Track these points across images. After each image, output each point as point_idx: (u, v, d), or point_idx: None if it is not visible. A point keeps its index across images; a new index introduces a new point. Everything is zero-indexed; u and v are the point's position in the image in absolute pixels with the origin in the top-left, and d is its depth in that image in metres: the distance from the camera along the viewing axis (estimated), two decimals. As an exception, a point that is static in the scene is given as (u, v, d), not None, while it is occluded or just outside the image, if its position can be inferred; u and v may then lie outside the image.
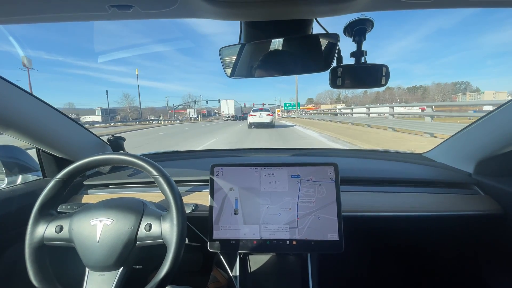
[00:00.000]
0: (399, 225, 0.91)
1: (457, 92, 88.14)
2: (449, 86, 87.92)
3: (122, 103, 70.29)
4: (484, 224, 0.86)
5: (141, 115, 58.98)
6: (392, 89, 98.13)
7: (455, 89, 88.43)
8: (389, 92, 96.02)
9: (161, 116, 50.84)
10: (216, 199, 0.76)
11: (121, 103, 70.78)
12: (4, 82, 0.69)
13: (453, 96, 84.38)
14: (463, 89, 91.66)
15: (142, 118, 54.93)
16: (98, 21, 0.48)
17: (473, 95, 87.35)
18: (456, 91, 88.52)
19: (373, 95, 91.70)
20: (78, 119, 41.07)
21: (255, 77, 0.72)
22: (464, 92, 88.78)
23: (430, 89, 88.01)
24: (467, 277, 0.99)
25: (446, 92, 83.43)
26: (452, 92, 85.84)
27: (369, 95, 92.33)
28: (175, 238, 0.57)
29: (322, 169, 0.76)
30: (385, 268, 1.20)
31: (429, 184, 0.93)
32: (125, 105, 68.75)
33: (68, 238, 0.60)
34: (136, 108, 66.71)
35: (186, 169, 1.07)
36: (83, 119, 56.20)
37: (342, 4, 0.42)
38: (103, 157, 0.64)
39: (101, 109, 65.32)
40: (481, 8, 0.45)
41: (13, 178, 0.88)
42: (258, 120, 14.88)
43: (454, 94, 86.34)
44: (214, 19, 0.47)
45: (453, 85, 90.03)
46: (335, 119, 17.34)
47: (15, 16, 0.45)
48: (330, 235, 0.72)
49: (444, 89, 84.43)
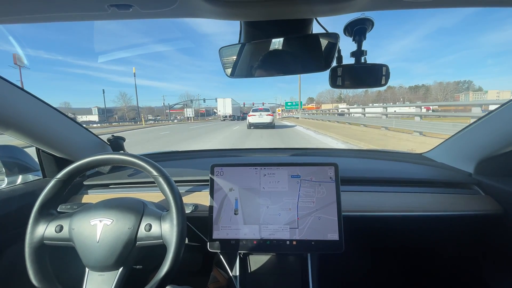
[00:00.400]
0: (400, 225, 0.90)
1: (459, 91, 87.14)
2: (452, 85, 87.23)
3: (119, 102, 69.52)
4: (484, 224, 0.86)
5: (139, 114, 57.53)
6: (394, 88, 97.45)
7: (457, 88, 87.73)
8: (391, 91, 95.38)
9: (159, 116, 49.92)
10: (216, 199, 0.76)
11: (118, 102, 69.99)
12: (4, 82, 0.69)
13: (455, 95, 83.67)
14: (465, 88, 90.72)
15: (140, 118, 54.08)
16: (98, 21, 0.48)
17: (477, 94, 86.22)
18: (459, 90, 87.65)
19: (374, 94, 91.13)
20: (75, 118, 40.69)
21: (255, 77, 0.72)
22: (467, 92, 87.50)
23: (432, 88, 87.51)
24: (467, 277, 0.98)
25: (449, 91, 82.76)
26: (455, 91, 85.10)
27: (370, 95, 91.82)
28: (175, 238, 0.57)
29: (322, 169, 0.76)
30: (385, 268, 1.20)
31: (430, 184, 0.93)
32: (121, 104, 67.93)
33: (68, 238, 0.60)
34: (133, 107, 65.82)
35: (186, 169, 1.07)
36: (80, 118, 54.71)
37: (342, 3, 0.42)
38: (103, 157, 0.64)
39: (98, 109, 63.72)
40: (481, 7, 0.45)
41: (13, 178, 0.88)
42: (257, 120, 14.49)
43: (457, 93, 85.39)
44: (213, 19, 0.47)
45: (455, 84, 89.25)
46: (346, 120, 15.70)
47: (15, 16, 0.45)
48: (330, 235, 0.72)
49: (447, 88, 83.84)
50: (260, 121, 14.53)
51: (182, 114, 60.29)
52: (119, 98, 69.77)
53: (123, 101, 68.45)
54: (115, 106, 70.44)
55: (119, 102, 69.65)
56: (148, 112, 74.23)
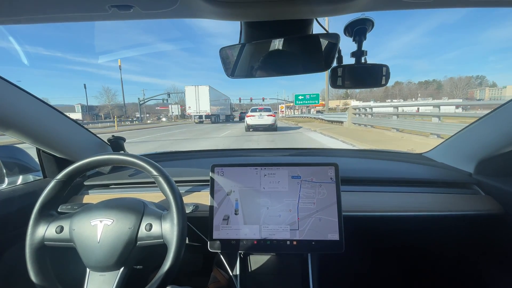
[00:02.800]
0: (400, 225, 0.90)
1: (472, 87, 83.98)
2: (463, 80, 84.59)
3: (102, 99, 61.38)
4: (484, 224, 0.86)
5: (125, 112, 52.93)
6: (402, 84, 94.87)
7: (469, 84, 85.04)
8: (399, 87, 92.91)
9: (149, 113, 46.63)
10: (216, 199, 0.76)
11: (101, 99, 61.80)
12: (4, 82, 0.69)
13: (469, 91, 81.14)
14: (478, 83, 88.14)
15: (126, 115, 49.61)
16: (98, 21, 0.48)
17: (494, 90, 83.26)
18: (471, 86, 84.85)
19: (382, 90, 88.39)
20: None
21: (256, 77, 0.73)
22: (482, 87, 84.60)
23: (444, 84, 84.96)
24: (467, 277, 0.98)
25: (465, 85, 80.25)
26: (467, 87, 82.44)
27: (376, 91, 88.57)
28: (175, 238, 0.57)
29: (322, 169, 0.76)
30: (385, 268, 1.20)
31: (430, 184, 0.93)
32: (105, 101, 60.40)
33: (69, 238, 0.60)
34: (118, 104, 59.55)
35: (187, 169, 1.07)
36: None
37: (342, 4, 0.42)
38: (103, 157, 0.64)
39: (81, 106, 56.95)
40: (481, 7, 0.45)
41: (14, 179, 0.88)
42: (257, 122, 12.68)
43: (471, 89, 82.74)
44: (214, 19, 0.47)
45: (467, 79, 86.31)
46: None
47: (15, 17, 0.45)
48: (331, 235, 0.72)
49: (458, 84, 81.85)
50: (260, 122, 12.70)
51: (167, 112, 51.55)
52: (102, 94, 61.71)
53: (107, 98, 60.20)
54: (100, 103, 62.53)
55: (102, 98, 61.45)
56: (136, 109, 64.60)
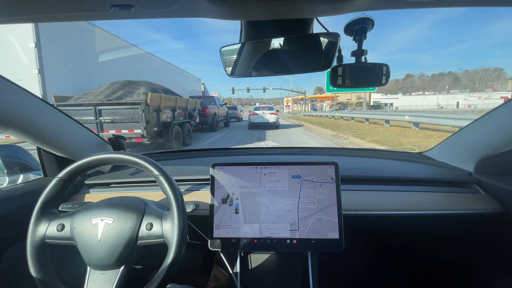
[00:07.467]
0: (400, 224, 0.91)
1: (490, 80, 79.68)
2: (479, 73, 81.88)
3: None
4: (484, 223, 0.86)
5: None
6: (413, 77, 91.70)
7: (487, 76, 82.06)
8: (410, 80, 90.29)
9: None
10: (216, 198, 0.76)
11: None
12: (4, 81, 0.69)
13: (489, 84, 78.39)
14: (495, 76, 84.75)
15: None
16: (98, 20, 0.48)
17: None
18: (488, 79, 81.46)
19: (392, 83, 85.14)
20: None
21: (256, 76, 0.73)
22: (504, 80, 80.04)
23: (460, 77, 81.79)
24: (467, 276, 0.99)
25: (487, 77, 77.39)
26: (487, 80, 79.43)
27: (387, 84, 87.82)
28: (176, 237, 0.57)
29: (322, 168, 0.76)
30: (385, 266, 1.20)
31: (430, 183, 0.94)
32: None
33: (70, 237, 0.60)
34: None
35: (187, 168, 1.07)
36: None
37: (342, 3, 0.42)
38: (104, 156, 0.64)
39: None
40: (481, 7, 0.45)
41: (14, 177, 0.88)
42: (260, 120, 13.21)
43: (491, 82, 79.43)
44: (214, 19, 0.47)
45: (484, 72, 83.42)
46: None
47: (16, 16, 0.45)
48: (331, 234, 0.72)
49: (474, 77, 78.95)
50: (262, 120, 13.28)
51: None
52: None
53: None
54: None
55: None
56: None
